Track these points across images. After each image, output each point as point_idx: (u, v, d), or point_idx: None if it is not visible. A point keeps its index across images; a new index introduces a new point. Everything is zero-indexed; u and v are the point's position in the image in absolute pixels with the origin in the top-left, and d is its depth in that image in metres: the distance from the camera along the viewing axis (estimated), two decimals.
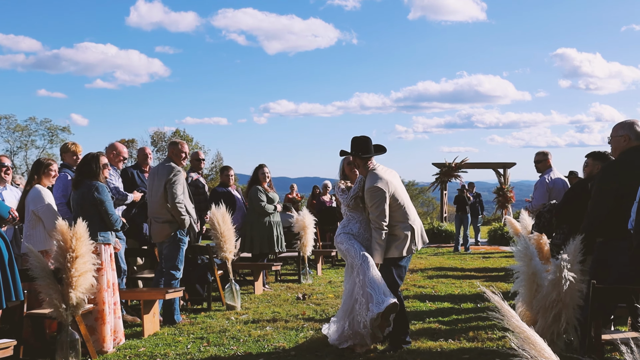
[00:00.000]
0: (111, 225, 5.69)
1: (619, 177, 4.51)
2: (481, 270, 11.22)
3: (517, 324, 1.71)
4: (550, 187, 7.44)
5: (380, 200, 5.16)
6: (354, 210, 5.44)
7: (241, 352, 5.33)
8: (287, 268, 11.58)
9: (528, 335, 1.68)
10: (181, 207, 6.47)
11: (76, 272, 4.90)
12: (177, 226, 6.51)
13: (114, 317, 5.61)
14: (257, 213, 8.68)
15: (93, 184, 5.63)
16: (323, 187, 13.88)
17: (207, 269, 7.47)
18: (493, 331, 5.90)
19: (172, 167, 6.57)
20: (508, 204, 17.46)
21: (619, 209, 4.49)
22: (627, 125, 4.62)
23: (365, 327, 5.09)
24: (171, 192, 6.46)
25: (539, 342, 1.65)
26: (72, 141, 6.93)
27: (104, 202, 5.62)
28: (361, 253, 5.22)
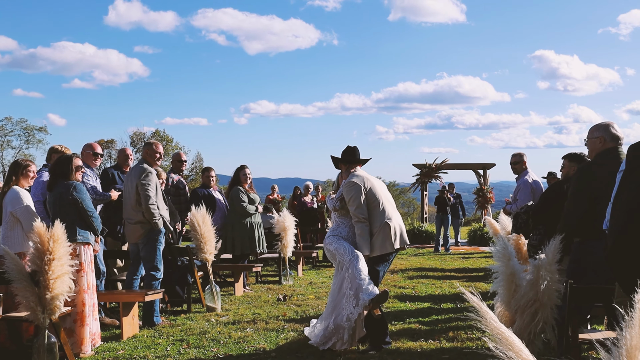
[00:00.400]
0: (91, 224, 5.63)
1: (594, 178, 4.59)
2: (461, 271, 11.30)
3: (495, 325, 1.72)
4: (534, 187, 7.54)
5: (356, 193, 5.37)
6: (343, 216, 5.57)
7: (221, 354, 5.31)
8: (267, 269, 11.55)
9: (506, 337, 1.69)
10: (153, 208, 6.40)
11: (53, 274, 4.83)
12: (149, 227, 6.45)
13: (92, 319, 5.56)
14: (239, 214, 8.65)
15: (70, 183, 5.57)
16: (304, 188, 13.86)
17: (187, 271, 7.42)
18: (472, 331, 5.94)
19: (143, 169, 6.50)
20: (488, 205, 17.58)
21: (594, 209, 4.56)
22: (603, 127, 4.70)
23: (349, 320, 5.11)
24: (143, 194, 6.39)
25: (517, 344, 1.66)
26: (60, 144, 6.87)
27: (83, 200, 5.57)
28: (351, 249, 5.32)
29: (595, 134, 4.74)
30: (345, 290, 5.22)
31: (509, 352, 1.63)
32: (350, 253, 5.30)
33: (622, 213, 2.70)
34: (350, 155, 5.68)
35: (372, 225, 5.38)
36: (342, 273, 5.31)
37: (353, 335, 5.16)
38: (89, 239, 5.65)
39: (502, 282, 4.38)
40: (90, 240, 5.67)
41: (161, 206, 6.59)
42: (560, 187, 5.53)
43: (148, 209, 6.37)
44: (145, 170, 6.49)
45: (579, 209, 4.64)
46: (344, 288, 5.24)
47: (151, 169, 6.56)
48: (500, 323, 1.73)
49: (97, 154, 7.02)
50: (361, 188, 5.39)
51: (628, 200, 2.71)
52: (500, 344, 1.71)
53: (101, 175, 7.56)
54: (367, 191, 5.42)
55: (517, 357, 1.57)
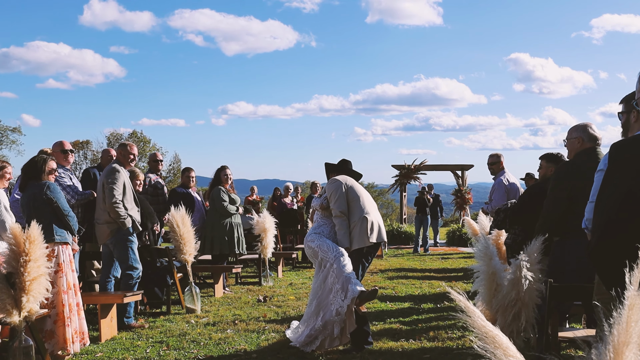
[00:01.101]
0: (67, 223, 5.53)
1: (573, 178, 4.66)
2: (440, 271, 11.37)
3: (481, 324, 1.71)
4: (508, 188, 7.61)
5: (336, 189, 5.56)
6: (326, 217, 5.65)
7: (202, 355, 5.26)
8: (247, 270, 11.50)
9: (493, 335, 1.68)
10: (118, 207, 6.29)
11: (29, 276, 4.73)
12: (116, 226, 6.34)
13: (77, 318, 5.47)
14: (219, 214, 8.59)
15: (43, 183, 5.48)
16: (285, 188, 13.83)
17: (167, 272, 7.34)
18: (453, 331, 5.97)
19: (110, 168, 6.42)
20: (466, 205, 17.74)
21: (573, 209, 4.63)
22: (580, 128, 4.80)
23: (339, 313, 5.11)
24: (108, 193, 6.29)
25: (504, 342, 1.66)
26: (47, 148, 6.77)
27: (58, 199, 5.48)
28: (334, 246, 5.37)
29: (574, 134, 4.83)
30: (331, 286, 5.22)
31: (497, 351, 1.63)
32: (334, 250, 5.33)
33: (606, 211, 2.72)
34: (346, 165, 5.95)
35: (350, 219, 5.50)
36: (326, 269, 5.29)
37: (344, 330, 5.15)
38: (67, 238, 5.56)
39: (484, 281, 4.40)
40: (68, 240, 5.59)
41: (130, 207, 6.49)
42: (537, 188, 5.59)
43: (112, 207, 6.27)
44: (113, 169, 6.40)
45: (557, 208, 4.70)
46: (330, 283, 5.23)
47: (120, 168, 6.46)
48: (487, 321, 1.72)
49: (67, 151, 6.86)
50: (342, 185, 5.59)
51: (611, 197, 2.74)
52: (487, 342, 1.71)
53: (82, 175, 7.44)
54: (348, 188, 5.60)
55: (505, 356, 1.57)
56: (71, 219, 5.58)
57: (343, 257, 5.27)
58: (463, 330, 5.97)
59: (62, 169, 6.70)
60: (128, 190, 6.48)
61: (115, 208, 6.26)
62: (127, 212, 6.39)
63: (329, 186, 5.66)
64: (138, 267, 6.46)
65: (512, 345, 1.66)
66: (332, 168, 5.97)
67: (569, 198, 4.62)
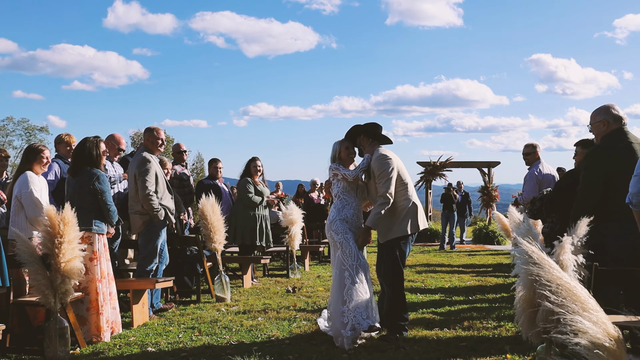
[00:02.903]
0: (108, 217, 5.54)
1: (604, 162, 4.57)
2: (469, 267, 11.21)
3: (557, 275, 1.62)
4: (540, 179, 7.47)
5: (388, 168, 5.11)
6: (348, 194, 5.31)
7: (234, 341, 5.21)
8: (273, 264, 11.46)
9: (570, 287, 1.58)
10: (152, 200, 6.17)
11: (64, 257, 4.76)
12: (148, 218, 6.24)
13: (109, 307, 5.47)
14: (244, 204, 8.57)
15: (94, 172, 5.49)
16: (312, 183, 13.78)
17: (196, 261, 7.33)
18: (488, 321, 5.85)
19: (141, 158, 6.29)
20: (493, 203, 17.51)
21: (609, 193, 4.53)
22: (604, 110, 4.76)
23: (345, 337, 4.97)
24: (140, 185, 6.18)
25: (583, 295, 1.56)
26: (66, 132, 6.78)
27: (104, 192, 5.49)
28: (356, 253, 5.13)
29: (598, 118, 4.78)
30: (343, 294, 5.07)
31: (573, 305, 1.53)
32: (355, 259, 5.10)
33: None
34: (378, 129, 5.40)
35: (396, 204, 5.17)
36: (341, 272, 5.13)
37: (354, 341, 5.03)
38: (104, 229, 5.56)
39: (525, 264, 4.27)
40: (104, 230, 5.58)
41: (164, 196, 6.40)
42: (574, 176, 5.46)
43: (145, 199, 6.16)
44: (143, 159, 6.26)
45: (593, 193, 4.61)
46: (344, 295, 5.06)
47: (150, 156, 6.32)
48: (563, 272, 1.62)
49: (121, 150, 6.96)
50: (394, 163, 5.16)
51: None
52: (563, 295, 1.61)
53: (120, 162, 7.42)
54: (399, 168, 5.22)
55: (583, 310, 1.48)
56: (112, 213, 5.57)
57: (359, 273, 5.06)
58: (498, 320, 5.85)
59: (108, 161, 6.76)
60: (160, 179, 6.38)
61: (148, 200, 6.17)
62: (160, 201, 6.31)
63: (380, 163, 5.14)
64: (154, 262, 6.33)
65: (591, 299, 1.56)
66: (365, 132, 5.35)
67: (603, 182, 4.54)
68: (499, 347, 4.84)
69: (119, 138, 7.00)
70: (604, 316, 1.57)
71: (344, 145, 5.42)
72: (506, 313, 6.15)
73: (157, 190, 6.29)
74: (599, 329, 1.49)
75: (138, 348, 5.03)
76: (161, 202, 6.31)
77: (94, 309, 5.34)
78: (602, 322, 1.50)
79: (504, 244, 16.44)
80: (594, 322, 1.49)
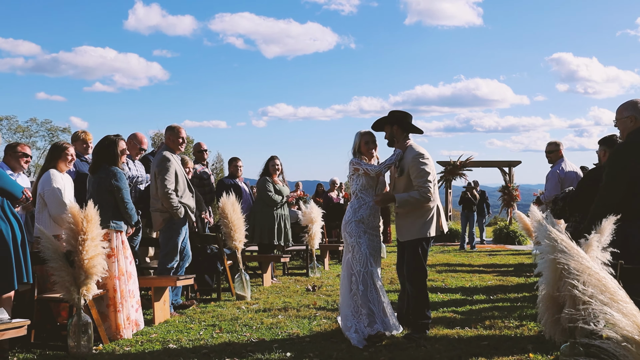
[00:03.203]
0: (126, 214, 5.58)
1: (630, 158, 4.47)
2: (489, 266, 11.11)
3: (587, 265, 1.59)
4: (562, 177, 7.38)
5: (428, 167, 5.04)
6: (366, 192, 5.26)
7: (255, 338, 5.23)
8: (293, 263, 11.48)
9: (600, 277, 1.55)
10: (171, 198, 6.20)
11: (87, 254, 4.81)
12: (168, 215, 6.28)
13: (129, 305, 5.50)
14: (263, 203, 8.59)
15: (112, 170, 5.54)
16: (331, 183, 13.77)
17: (217, 259, 7.36)
18: (510, 320, 5.79)
19: (161, 157, 6.33)
20: (514, 203, 17.33)
21: (634, 190, 4.43)
22: (631, 105, 4.63)
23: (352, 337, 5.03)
24: (159, 183, 6.23)
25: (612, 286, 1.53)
26: (82, 130, 6.84)
27: (121, 189, 5.53)
28: (366, 260, 5.10)
29: (625, 113, 4.66)
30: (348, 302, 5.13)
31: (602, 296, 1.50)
32: (364, 265, 5.08)
33: None
34: (410, 119, 5.26)
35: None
36: (349, 275, 5.15)
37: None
38: (122, 227, 5.60)
39: (548, 263, 4.21)
40: (123, 229, 5.62)
41: (185, 194, 6.43)
42: (597, 174, 5.38)
43: (165, 197, 6.20)
44: (162, 157, 6.31)
45: (617, 190, 4.51)
46: (349, 299, 5.10)
47: (170, 155, 6.35)
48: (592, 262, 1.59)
49: (143, 149, 7.01)
50: (431, 163, 5.10)
51: None
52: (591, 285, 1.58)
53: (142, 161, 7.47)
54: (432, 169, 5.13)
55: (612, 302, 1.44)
56: (130, 210, 5.62)
57: (367, 280, 5.04)
58: (520, 320, 5.78)
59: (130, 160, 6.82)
60: (180, 177, 6.40)
61: (168, 198, 6.20)
62: (180, 199, 6.35)
63: (420, 161, 5.01)
64: (174, 259, 6.37)
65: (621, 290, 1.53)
66: (399, 122, 5.18)
67: (628, 180, 4.45)
68: (521, 346, 4.79)
69: (141, 137, 7.07)
70: (634, 308, 1.53)
71: (363, 139, 5.32)
72: (528, 312, 6.08)
73: (177, 189, 6.32)
74: (629, 321, 1.45)
75: (159, 345, 5.07)
76: (181, 200, 6.34)
77: (113, 306, 5.38)
78: (632, 315, 1.47)
79: (525, 244, 16.27)
80: (623, 314, 1.45)
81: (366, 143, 5.32)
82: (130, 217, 5.64)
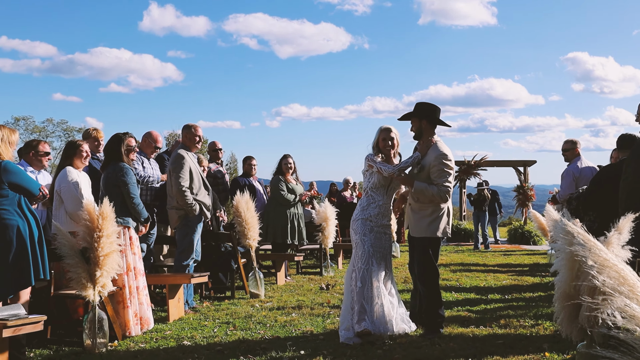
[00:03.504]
0: (133, 209, 5.60)
1: None
2: (504, 266, 11.04)
3: (605, 257, 1.57)
4: (577, 176, 7.33)
5: (450, 168, 5.01)
6: (377, 191, 5.19)
7: (268, 336, 5.24)
8: (307, 262, 11.48)
9: (618, 269, 1.54)
10: (186, 194, 6.24)
11: (102, 251, 4.85)
12: (183, 212, 6.33)
13: (137, 302, 5.53)
14: (277, 202, 8.60)
15: (118, 165, 5.59)
16: (344, 182, 13.76)
17: (231, 257, 7.39)
18: (525, 319, 5.74)
19: (176, 155, 6.39)
20: (529, 203, 17.19)
21: None
22: None
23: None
24: (174, 181, 6.29)
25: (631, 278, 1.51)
26: (93, 127, 6.90)
27: (127, 184, 5.56)
28: (368, 257, 5.05)
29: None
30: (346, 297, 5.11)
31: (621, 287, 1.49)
32: (365, 263, 5.04)
33: None
34: (439, 114, 5.19)
35: (435, 205, 5.06)
36: (350, 274, 5.12)
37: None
38: (129, 223, 5.62)
39: (565, 261, 4.17)
40: (131, 224, 5.64)
41: (200, 191, 6.46)
42: (611, 171, 5.32)
43: (179, 194, 6.25)
44: (177, 155, 6.37)
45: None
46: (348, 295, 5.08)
47: (185, 153, 6.40)
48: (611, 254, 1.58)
49: (158, 147, 7.04)
50: (453, 165, 5.07)
51: None
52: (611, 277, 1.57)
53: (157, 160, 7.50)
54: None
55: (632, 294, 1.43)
56: (137, 205, 5.64)
57: (365, 278, 5.00)
58: (536, 319, 5.73)
59: (142, 157, 6.84)
60: (195, 175, 6.43)
61: (182, 195, 6.25)
62: (195, 197, 6.38)
63: (446, 162, 4.97)
64: (190, 257, 6.40)
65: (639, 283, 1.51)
66: (428, 118, 5.09)
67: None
68: (537, 345, 4.75)
69: (156, 136, 7.11)
70: None
71: (382, 135, 5.24)
72: (544, 312, 6.03)
73: (192, 186, 6.35)
74: None
75: (174, 341, 5.09)
76: (196, 198, 6.37)
77: (122, 303, 5.38)
78: None
79: (540, 244, 16.14)
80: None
81: (384, 139, 5.22)
82: (138, 212, 5.65)
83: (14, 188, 4.33)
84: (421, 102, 5.27)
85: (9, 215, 4.31)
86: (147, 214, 5.83)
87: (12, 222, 4.30)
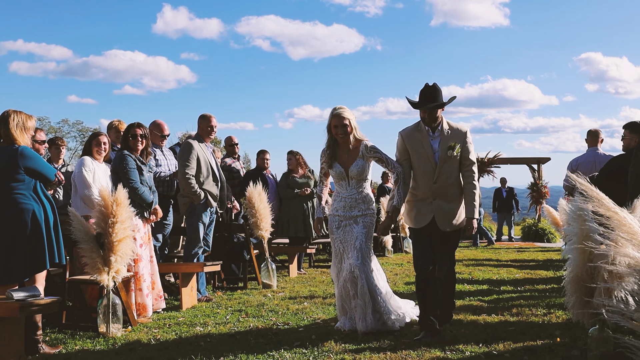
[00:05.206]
0: (134, 195, 5.48)
1: None
2: (517, 261, 10.99)
3: (609, 206, 1.59)
4: (574, 167, 7.39)
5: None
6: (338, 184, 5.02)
7: (280, 322, 5.27)
8: (319, 257, 11.51)
9: (620, 218, 1.56)
10: (189, 180, 6.32)
11: (116, 237, 4.90)
12: (189, 200, 6.42)
13: (136, 289, 5.52)
14: (285, 197, 8.71)
15: (118, 153, 5.69)
16: None
17: (243, 248, 7.43)
18: (537, 309, 5.72)
19: (184, 144, 6.57)
20: (542, 200, 17.08)
21: None
22: None
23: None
24: (179, 167, 6.44)
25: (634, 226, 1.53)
26: (117, 119, 6.99)
27: (124, 169, 5.55)
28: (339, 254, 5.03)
29: None
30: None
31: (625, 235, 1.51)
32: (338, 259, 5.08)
33: None
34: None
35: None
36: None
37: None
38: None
39: (576, 245, 4.15)
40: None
41: (207, 181, 6.51)
42: (621, 160, 5.29)
43: (183, 181, 6.36)
44: (186, 145, 6.51)
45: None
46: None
47: (194, 143, 6.51)
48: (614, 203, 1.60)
49: (163, 136, 7.06)
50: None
51: None
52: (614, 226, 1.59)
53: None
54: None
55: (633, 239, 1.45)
56: (136, 190, 5.52)
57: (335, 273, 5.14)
58: (548, 308, 5.71)
59: (158, 150, 6.89)
60: (203, 164, 6.48)
61: (186, 182, 6.34)
62: (202, 186, 6.43)
63: (470, 139, 4.69)
64: (197, 245, 6.45)
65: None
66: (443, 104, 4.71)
67: None
68: (548, 332, 4.74)
69: (161, 124, 7.04)
70: None
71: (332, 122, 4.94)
72: (556, 302, 6.01)
73: (200, 175, 6.42)
74: None
75: (187, 327, 5.14)
76: (203, 187, 6.43)
77: (126, 289, 5.40)
78: None
79: (554, 242, 16.05)
80: None
81: (335, 127, 4.86)
82: (140, 198, 5.57)
83: (30, 173, 4.40)
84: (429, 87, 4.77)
85: (24, 199, 4.37)
86: (151, 198, 5.72)
87: (28, 207, 4.37)
